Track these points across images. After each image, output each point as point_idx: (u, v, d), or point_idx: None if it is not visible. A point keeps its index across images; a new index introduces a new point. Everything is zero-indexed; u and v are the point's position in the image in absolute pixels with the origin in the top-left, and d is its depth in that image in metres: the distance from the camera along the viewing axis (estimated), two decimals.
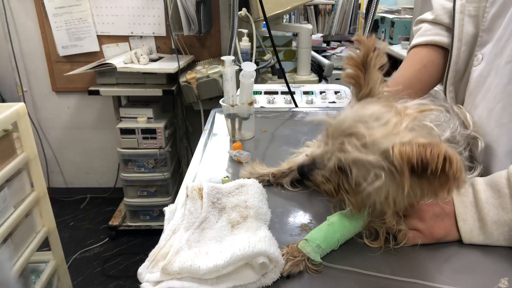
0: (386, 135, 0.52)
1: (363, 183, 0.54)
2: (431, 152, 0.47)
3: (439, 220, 0.63)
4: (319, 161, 0.61)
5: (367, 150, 0.52)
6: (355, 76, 0.61)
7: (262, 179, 0.80)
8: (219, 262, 0.52)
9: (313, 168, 0.62)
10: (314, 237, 0.60)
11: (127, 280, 2.09)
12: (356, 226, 0.62)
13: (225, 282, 0.53)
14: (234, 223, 0.62)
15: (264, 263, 0.53)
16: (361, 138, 0.53)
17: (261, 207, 0.67)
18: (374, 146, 0.52)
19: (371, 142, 0.52)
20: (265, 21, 1.49)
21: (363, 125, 0.53)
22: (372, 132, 0.52)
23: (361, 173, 0.54)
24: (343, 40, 3.47)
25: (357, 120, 0.54)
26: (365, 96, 0.61)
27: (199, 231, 0.61)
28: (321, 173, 0.61)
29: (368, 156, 0.52)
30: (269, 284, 0.55)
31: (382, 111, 0.55)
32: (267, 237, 0.57)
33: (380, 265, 0.59)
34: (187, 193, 0.64)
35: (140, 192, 2.37)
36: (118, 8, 2.31)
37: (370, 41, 0.59)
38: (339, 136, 0.56)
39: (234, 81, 1.02)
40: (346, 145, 0.54)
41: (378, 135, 0.52)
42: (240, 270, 0.53)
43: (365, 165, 0.53)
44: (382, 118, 0.54)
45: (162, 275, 0.53)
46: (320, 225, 0.63)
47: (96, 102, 2.59)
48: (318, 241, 0.59)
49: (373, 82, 0.60)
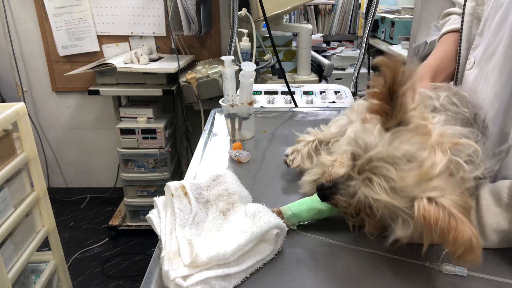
0: (418, 182, 0.50)
1: (388, 220, 0.54)
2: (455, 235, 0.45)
3: None
4: (341, 186, 0.59)
5: (396, 195, 0.51)
6: (382, 109, 0.53)
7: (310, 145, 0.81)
8: (241, 242, 0.57)
9: (335, 192, 0.60)
10: (300, 215, 0.66)
11: (127, 280, 2.09)
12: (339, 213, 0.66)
13: (247, 261, 0.58)
14: (225, 211, 0.66)
15: (278, 233, 0.60)
16: (390, 181, 0.51)
17: (242, 191, 0.71)
18: (404, 193, 0.50)
19: (402, 188, 0.50)
20: (265, 21, 1.49)
21: (393, 167, 0.51)
22: (403, 175, 0.50)
23: (388, 213, 0.53)
24: (343, 40, 3.47)
25: (388, 162, 0.51)
26: (394, 125, 0.54)
27: (194, 226, 0.62)
28: (344, 199, 0.59)
29: (398, 203, 0.50)
30: (280, 249, 0.62)
31: (415, 150, 0.51)
32: (266, 208, 0.63)
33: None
34: (171, 192, 0.64)
35: (140, 192, 2.38)
36: (118, 8, 2.31)
37: (395, 64, 0.49)
38: (367, 171, 0.54)
39: (234, 81, 1.02)
40: (375, 184, 0.52)
41: (410, 181, 0.50)
42: (256, 246, 0.60)
43: (393, 209, 0.52)
44: (415, 160, 0.51)
45: (190, 269, 0.54)
46: (310, 205, 0.66)
47: (96, 102, 2.59)
48: (302, 219, 0.67)
49: (402, 113, 0.53)
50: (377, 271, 0.58)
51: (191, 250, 0.56)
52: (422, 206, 0.48)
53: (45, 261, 1.57)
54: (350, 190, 0.58)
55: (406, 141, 0.52)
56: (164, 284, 0.56)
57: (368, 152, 0.54)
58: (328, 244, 0.64)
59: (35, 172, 1.43)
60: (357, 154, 0.56)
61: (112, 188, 2.74)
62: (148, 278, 0.58)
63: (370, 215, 0.58)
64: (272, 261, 0.61)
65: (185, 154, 2.68)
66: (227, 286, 0.55)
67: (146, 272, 0.59)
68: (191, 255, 0.55)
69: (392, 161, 0.51)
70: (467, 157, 0.55)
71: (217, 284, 0.54)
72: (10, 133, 1.31)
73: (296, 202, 0.68)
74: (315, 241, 0.66)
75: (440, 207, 0.47)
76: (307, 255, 0.62)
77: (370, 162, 0.53)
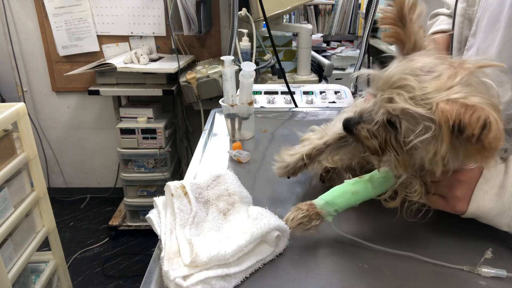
0: (438, 89, 0.49)
1: (411, 135, 0.51)
2: (471, 115, 0.44)
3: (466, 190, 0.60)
4: (366, 115, 0.57)
5: (417, 103, 0.50)
6: (395, 33, 0.58)
7: (299, 166, 0.74)
8: (241, 242, 0.57)
9: (359, 122, 0.58)
10: (335, 202, 0.61)
11: (127, 280, 2.09)
12: (379, 192, 0.62)
13: (247, 261, 0.58)
14: (225, 211, 0.66)
15: (278, 235, 0.60)
16: (411, 90, 0.50)
17: (242, 191, 0.70)
18: (425, 100, 0.49)
19: (422, 95, 0.49)
20: (265, 21, 1.49)
21: (413, 77, 0.51)
22: (423, 85, 0.50)
23: (410, 125, 0.51)
24: (343, 40, 3.47)
25: (407, 73, 0.51)
26: (411, 51, 0.57)
27: (194, 226, 0.62)
28: (366, 127, 0.57)
29: (418, 109, 0.49)
30: (281, 252, 0.62)
31: (435, 63, 0.52)
32: (268, 212, 0.63)
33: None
34: (171, 192, 0.64)
35: (140, 192, 2.38)
36: (118, 8, 2.31)
37: None
38: (388, 89, 0.53)
39: (234, 81, 1.02)
40: (396, 97, 0.51)
41: (430, 89, 0.49)
42: (257, 247, 0.60)
43: (415, 117, 0.50)
44: (435, 71, 0.51)
45: (190, 269, 0.54)
46: (344, 189, 0.62)
47: (96, 102, 2.59)
48: (338, 207, 0.61)
49: (415, 35, 0.56)
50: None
51: (191, 250, 0.56)
52: (441, 104, 0.47)
53: (45, 261, 1.57)
54: (373, 115, 0.56)
55: (424, 57, 0.53)
56: (164, 284, 0.56)
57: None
58: (330, 245, 0.64)
59: (35, 172, 1.43)
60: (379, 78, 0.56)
61: (112, 188, 2.74)
62: (148, 278, 0.58)
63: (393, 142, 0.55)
64: (272, 261, 0.61)
65: (185, 154, 2.68)
66: (227, 286, 0.55)
67: (146, 272, 0.59)
68: (191, 255, 0.55)
69: (412, 72, 0.51)
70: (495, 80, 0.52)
71: (217, 284, 0.54)
72: (10, 133, 1.31)
73: (327, 192, 0.63)
74: (315, 241, 0.66)
75: (459, 103, 0.46)
76: (307, 255, 0.62)
77: (391, 78, 0.53)
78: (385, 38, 0.59)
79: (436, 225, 0.66)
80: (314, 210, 0.61)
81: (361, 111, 0.59)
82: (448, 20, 0.91)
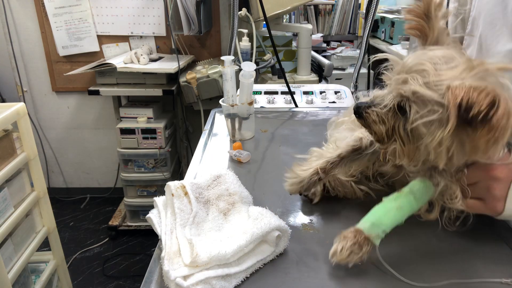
0: (452, 78, 0.49)
1: (419, 119, 0.51)
2: (479, 93, 0.44)
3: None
4: (378, 100, 0.57)
5: (430, 87, 0.50)
6: (419, 26, 0.59)
7: (313, 181, 0.70)
8: (242, 242, 0.57)
9: (370, 105, 0.58)
10: (382, 222, 0.57)
11: (127, 280, 2.09)
12: (421, 203, 0.59)
13: (247, 261, 0.58)
14: (225, 211, 0.66)
15: (279, 235, 0.60)
16: (426, 76, 0.51)
17: (242, 191, 0.70)
18: (438, 86, 0.49)
19: (435, 81, 0.50)
20: (265, 21, 1.49)
21: (431, 64, 0.51)
22: (439, 72, 0.50)
23: (420, 109, 0.51)
24: (343, 40, 3.47)
25: (426, 59, 0.52)
26: (433, 44, 0.58)
27: (195, 226, 0.62)
28: (376, 111, 0.57)
29: (429, 92, 0.50)
30: (282, 252, 0.62)
31: (455, 55, 0.52)
32: (269, 212, 0.63)
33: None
34: (172, 192, 0.65)
35: (140, 192, 2.38)
36: (118, 8, 2.31)
37: None
38: (404, 73, 0.53)
39: (234, 81, 1.02)
40: (410, 80, 0.52)
41: (444, 76, 0.50)
42: (257, 246, 0.60)
43: (425, 101, 0.50)
44: (453, 62, 0.51)
45: (190, 269, 0.54)
46: (387, 206, 0.58)
47: (96, 102, 2.59)
48: (385, 227, 0.57)
49: (438, 30, 0.58)
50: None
51: (191, 250, 0.56)
52: (453, 87, 0.47)
53: (45, 261, 1.57)
54: (385, 100, 0.56)
55: (445, 49, 0.53)
56: (165, 284, 0.56)
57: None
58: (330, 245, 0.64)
59: (35, 172, 1.43)
60: (397, 63, 0.56)
61: (112, 188, 2.74)
62: (148, 278, 0.58)
63: (400, 131, 0.55)
64: (273, 261, 0.61)
65: (185, 154, 2.68)
66: (227, 286, 0.55)
67: (146, 272, 0.59)
68: (192, 255, 0.55)
69: (430, 59, 0.52)
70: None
71: (217, 284, 0.54)
72: (10, 133, 1.31)
73: (368, 214, 0.59)
74: (315, 241, 0.66)
75: (470, 87, 0.46)
76: (307, 255, 0.62)
77: (409, 64, 0.53)
78: (408, 30, 0.60)
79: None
80: (362, 235, 0.56)
81: (374, 97, 0.59)
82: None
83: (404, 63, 0.54)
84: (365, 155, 0.69)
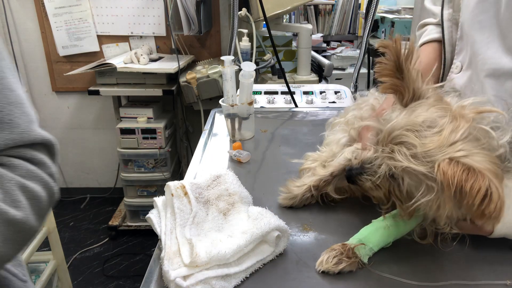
0: (439, 146, 0.49)
1: (415, 193, 0.52)
2: (472, 184, 0.44)
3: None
4: (368, 166, 0.58)
5: (419, 161, 0.50)
6: (393, 85, 0.56)
7: (306, 198, 0.74)
8: (241, 242, 0.57)
9: (361, 173, 0.59)
10: (369, 240, 0.60)
11: (127, 280, 2.09)
12: (409, 228, 0.62)
13: (247, 261, 0.58)
14: (225, 211, 0.66)
15: (278, 235, 0.60)
16: (411, 147, 0.50)
17: (242, 191, 0.70)
18: (426, 158, 0.49)
19: (423, 153, 0.50)
20: (265, 21, 1.49)
21: (414, 134, 0.51)
22: (424, 141, 0.50)
23: (413, 182, 0.52)
24: (343, 40, 3.47)
25: (408, 129, 0.51)
26: (411, 100, 0.56)
27: (194, 226, 0.62)
28: (370, 178, 0.58)
29: (420, 167, 0.50)
30: (281, 252, 0.62)
31: (436, 117, 0.51)
32: (269, 212, 0.63)
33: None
34: (171, 192, 0.65)
35: (140, 192, 2.38)
36: (118, 8, 2.31)
37: (396, 44, 0.54)
38: (389, 144, 0.53)
39: (234, 81, 1.02)
40: (397, 154, 0.52)
41: (431, 146, 0.49)
42: (257, 247, 0.60)
43: (417, 175, 0.51)
44: (436, 126, 0.51)
45: (190, 269, 0.54)
46: (375, 226, 0.61)
47: (96, 102, 2.59)
48: (372, 245, 0.59)
49: (414, 83, 0.55)
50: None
51: (191, 250, 0.56)
52: (443, 165, 0.47)
53: (45, 261, 1.57)
54: (375, 168, 0.56)
55: (425, 110, 0.52)
56: (164, 284, 0.56)
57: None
58: (330, 246, 0.64)
59: None
60: (380, 130, 0.56)
61: (112, 188, 2.74)
62: (148, 278, 0.58)
63: (397, 193, 0.56)
64: (272, 261, 0.61)
65: (185, 154, 2.68)
66: (227, 286, 0.55)
67: (146, 272, 0.60)
68: (191, 255, 0.55)
69: (412, 128, 0.51)
70: (492, 124, 0.53)
71: (217, 284, 0.54)
72: None
73: (358, 233, 0.62)
74: (315, 241, 0.66)
75: (461, 164, 0.46)
76: (307, 255, 0.62)
77: (391, 133, 0.53)
78: (383, 90, 0.58)
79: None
80: (350, 249, 0.59)
81: (362, 161, 0.59)
82: (437, 29, 0.92)
83: (388, 132, 0.54)
84: None
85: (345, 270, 0.57)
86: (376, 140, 0.56)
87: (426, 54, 0.92)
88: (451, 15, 0.85)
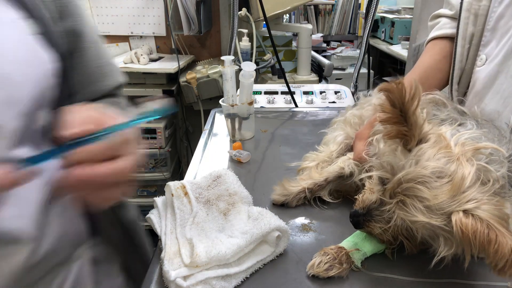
0: (451, 197, 0.49)
1: (429, 240, 0.53)
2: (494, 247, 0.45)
3: None
4: (375, 212, 0.58)
5: (433, 214, 0.50)
6: (399, 133, 0.54)
7: (299, 198, 0.75)
8: (242, 243, 0.57)
9: (369, 219, 0.59)
10: (363, 244, 0.60)
11: None
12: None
13: (247, 261, 0.58)
14: (225, 211, 0.66)
15: (279, 235, 0.60)
16: (424, 200, 0.51)
17: (242, 191, 0.70)
18: (440, 210, 0.50)
19: (436, 205, 0.50)
20: (265, 21, 1.49)
21: (424, 186, 0.51)
22: (435, 193, 0.50)
23: (428, 234, 0.53)
24: (343, 40, 3.47)
25: (419, 181, 0.51)
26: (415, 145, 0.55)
27: (194, 226, 0.62)
28: (379, 226, 0.58)
29: (435, 220, 0.50)
30: (281, 252, 0.62)
31: (442, 165, 0.51)
32: (269, 212, 0.63)
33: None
34: (172, 192, 0.65)
35: (140, 192, 2.38)
36: (118, 8, 2.31)
37: (399, 88, 0.51)
38: (399, 194, 0.53)
39: (234, 81, 1.02)
40: (409, 206, 0.52)
41: (443, 197, 0.50)
42: (257, 247, 0.60)
43: (433, 228, 0.51)
44: (444, 175, 0.51)
45: (190, 269, 0.54)
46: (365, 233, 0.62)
47: None
48: (366, 250, 0.60)
49: (420, 129, 0.54)
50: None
51: (191, 250, 0.56)
52: (459, 220, 0.47)
53: None
54: (385, 216, 0.56)
55: (431, 158, 0.52)
56: (164, 284, 0.56)
57: (396, 174, 0.53)
58: (330, 246, 0.64)
59: None
60: (385, 177, 0.56)
61: None
62: (148, 278, 0.58)
63: (409, 238, 0.57)
64: (273, 261, 0.61)
65: (185, 154, 2.67)
66: (227, 286, 0.55)
67: (147, 272, 0.60)
68: (192, 255, 0.55)
69: (422, 180, 0.51)
70: (489, 157, 0.54)
71: (217, 284, 0.54)
72: None
73: (352, 235, 0.63)
74: (315, 242, 0.66)
75: (477, 219, 0.47)
76: (307, 255, 0.62)
77: (400, 185, 0.53)
78: (389, 137, 0.56)
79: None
80: (344, 252, 0.59)
81: (368, 205, 0.59)
82: (450, 24, 0.89)
83: (397, 183, 0.53)
84: (350, 181, 0.74)
85: (335, 276, 0.57)
86: (383, 189, 0.56)
87: (432, 54, 0.90)
88: (471, 5, 0.81)
